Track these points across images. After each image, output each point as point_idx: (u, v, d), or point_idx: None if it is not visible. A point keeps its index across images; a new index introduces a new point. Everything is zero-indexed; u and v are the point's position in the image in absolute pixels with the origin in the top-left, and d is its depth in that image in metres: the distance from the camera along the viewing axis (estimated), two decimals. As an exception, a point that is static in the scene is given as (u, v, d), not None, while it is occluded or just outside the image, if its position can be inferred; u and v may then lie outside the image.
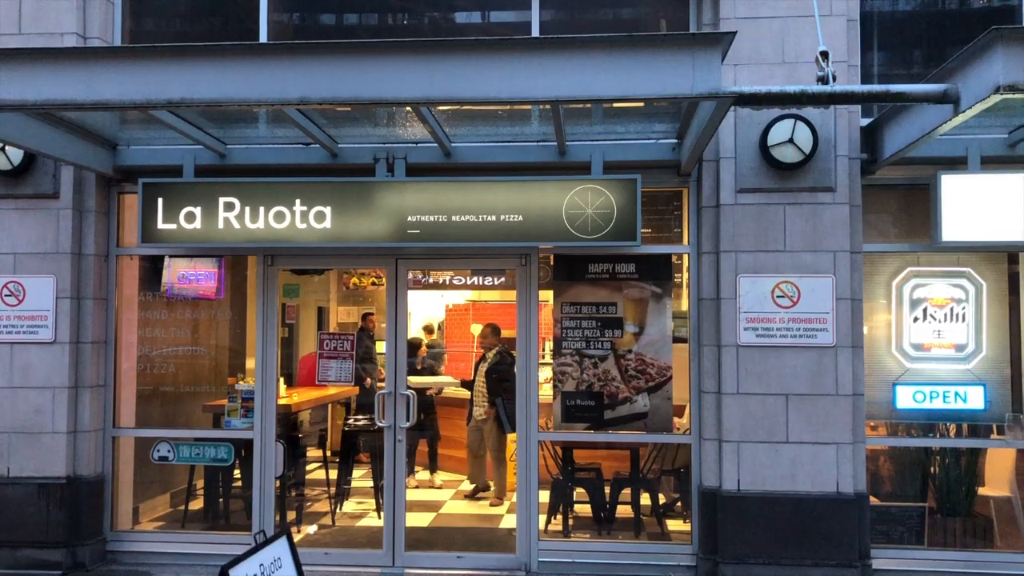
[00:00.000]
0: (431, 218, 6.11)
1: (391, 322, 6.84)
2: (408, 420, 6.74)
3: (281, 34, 7.08)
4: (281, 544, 4.16)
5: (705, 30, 6.34)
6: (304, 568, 4.70)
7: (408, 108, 5.47)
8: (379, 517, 7.20)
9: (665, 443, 6.98)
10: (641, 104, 5.74)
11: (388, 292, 6.90)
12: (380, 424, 6.80)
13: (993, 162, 6.03)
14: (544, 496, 6.95)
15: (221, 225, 6.22)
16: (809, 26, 5.86)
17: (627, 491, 7.14)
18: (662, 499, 7.31)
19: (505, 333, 8.82)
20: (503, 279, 10.63)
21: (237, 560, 3.87)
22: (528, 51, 4.72)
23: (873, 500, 6.41)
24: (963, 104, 4.61)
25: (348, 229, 6.16)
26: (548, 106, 5.43)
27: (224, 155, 6.67)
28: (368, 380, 9.06)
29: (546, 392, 7.05)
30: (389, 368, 6.84)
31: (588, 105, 5.75)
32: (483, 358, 8.95)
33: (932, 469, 6.64)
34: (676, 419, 6.88)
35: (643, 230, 6.18)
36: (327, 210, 6.14)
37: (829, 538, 6.02)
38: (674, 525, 7.13)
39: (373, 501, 8.06)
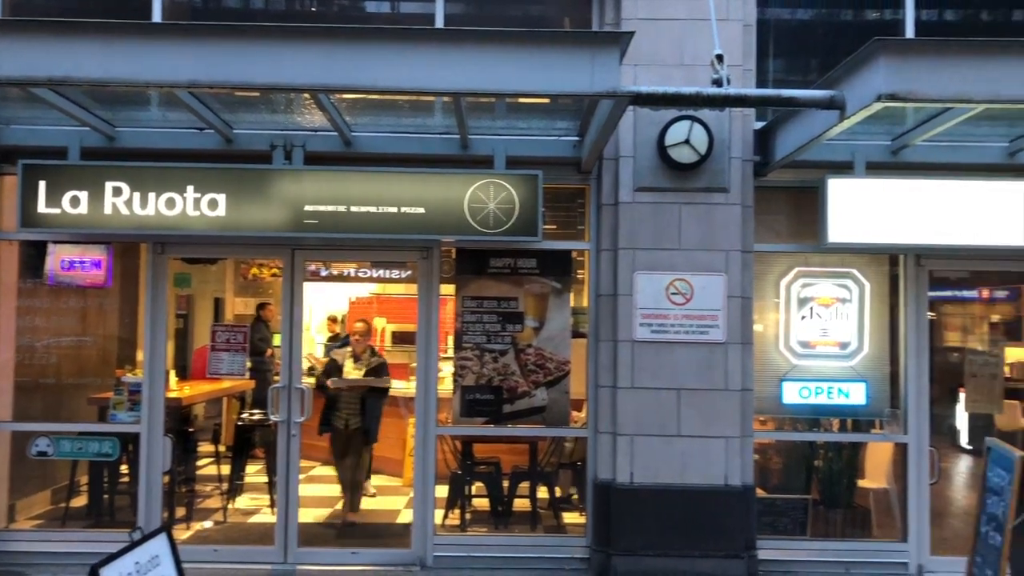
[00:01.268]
0: (329, 208, 6.01)
1: (286, 314, 6.69)
2: (303, 414, 6.61)
3: (178, 15, 6.84)
4: (160, 541, 4.00)
5: (607, 29, 6.40)
6: (191, 566, 4.56)
7: (306, 95, 5.38)
8: (273, 513, 7.04)
9: (562, 437, 7.04)
10: (544, 100, 5.74)
11: (284, 283, 6.74)
12: (273, 418, 6.65)
13: (878, 168, 6.28)
14: (442, 491, 6.92)
15: (108, 211, 5.98)
16: (708, 29, 5.92)
17: (525, 484, 7.17)
18: (559, 492, 7.38)
19: (409, 327, 8.62)
20: (408, 272, 10.55)
21: (110, 558, 3.70)
22: (429, 42, 4.72)
23: (760, 492, 6.61)
24: (848, 110, 4.79)
25: (242, 217, 6.00)
26: (450, 98, 5.40)
27: (113, 138, 6.40)
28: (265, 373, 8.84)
29: (446, 387, 7.02)
30: (284, 361, 6.68)
31: (491, 99, 5.74)
32: (357, 358, 7.89)
33: (816, 462, 6.91)
34: (575, 413, 6.96)
35: (546, 226, 6.23)
36: (221, 197, 5.97)
37: (717, 530, 6.18)
38: (570, 518, 7.21)
39: (267, 497, 7.88)
